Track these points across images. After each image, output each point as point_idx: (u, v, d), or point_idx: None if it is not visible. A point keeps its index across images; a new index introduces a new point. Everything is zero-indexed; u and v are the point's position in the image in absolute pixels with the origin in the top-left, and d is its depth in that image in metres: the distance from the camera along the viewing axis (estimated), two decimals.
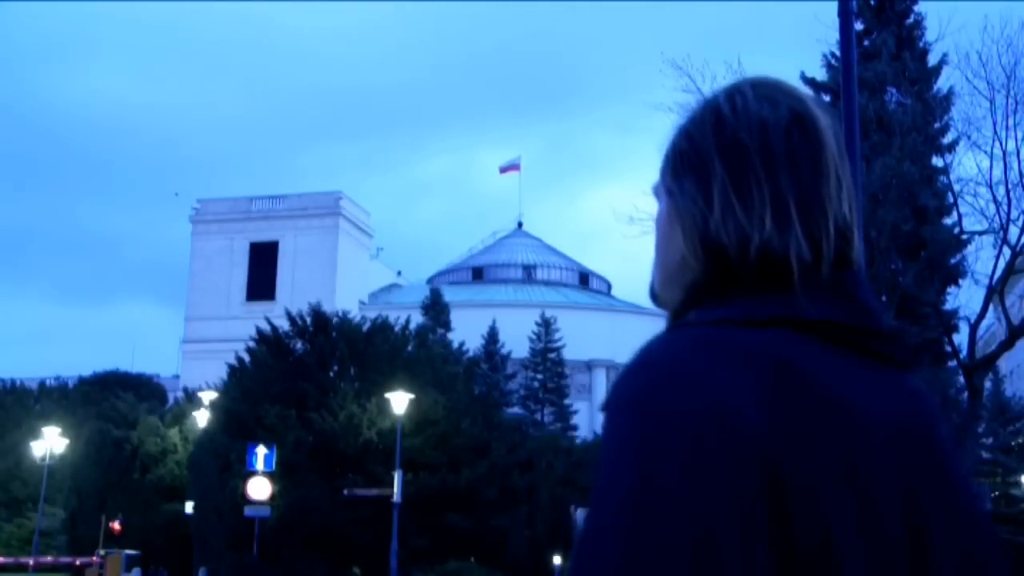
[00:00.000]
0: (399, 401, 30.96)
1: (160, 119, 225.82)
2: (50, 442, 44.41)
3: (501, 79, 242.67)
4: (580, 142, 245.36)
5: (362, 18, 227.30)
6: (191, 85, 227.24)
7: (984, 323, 22.03)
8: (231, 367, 38.39)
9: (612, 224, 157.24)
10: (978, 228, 21.02)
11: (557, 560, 36.04)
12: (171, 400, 57.96)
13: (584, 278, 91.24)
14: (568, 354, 65.49)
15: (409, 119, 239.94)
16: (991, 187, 19.79)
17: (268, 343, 37.20)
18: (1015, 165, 19.59)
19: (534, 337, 64.71)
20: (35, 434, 46.50)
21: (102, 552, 38.11)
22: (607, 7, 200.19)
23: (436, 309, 59.28)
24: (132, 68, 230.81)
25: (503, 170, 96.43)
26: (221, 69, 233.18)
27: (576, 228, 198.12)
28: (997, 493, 39.37)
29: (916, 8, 25.72)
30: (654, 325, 1.18)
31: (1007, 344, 19.99)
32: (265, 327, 37.61)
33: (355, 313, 42.52)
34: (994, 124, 19.77)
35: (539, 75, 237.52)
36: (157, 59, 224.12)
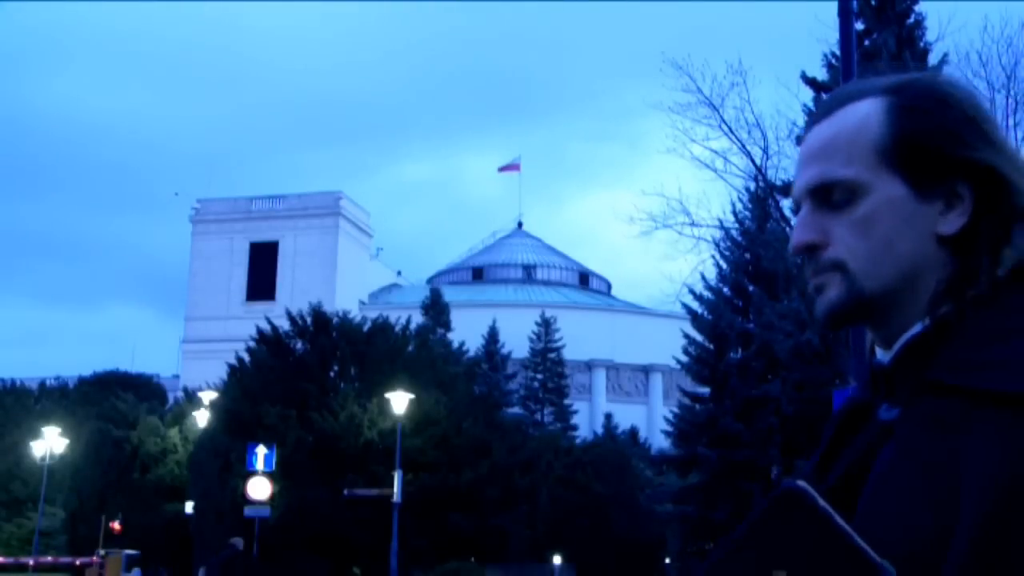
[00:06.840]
0: (399, 401, 30.93)
1: (160, 121, 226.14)
2: (50, 442, 44.36)
3: (498, 81, 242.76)
4: (579, 143, 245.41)
5: (359, 20, 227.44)
6: (190, 87, 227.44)
7: None
8: (231, 367, 38.36)
9: (611, 224, 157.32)
10: None
11: (557, 560, 36.04)
12: (171, 400, 57.88)
13: (584, 278, 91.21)
14: (568, 354, 65.46)
15: (409, 122, 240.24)
16: None
17: (268, 343, 37.20)
18: None
19: (534, 337, 64.70)
20: (35, 434, 46.42)
21: (102, 552, 38.01)
22: (604, 7, 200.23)
23: (436, 309, 59.24)
24: (132, 70, 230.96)
25: (502, 169, 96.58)
26: (219, 71, 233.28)
27: (576, 228, 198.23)
28: None
29: (916, 8, 25.71)
30: (654, 325, 1.18)
31: None
32: (265, 327, 37.59)
33: (355, 313, 42.50)
34: None
35: (538, 78, 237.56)
36: (156, 62, 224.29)
